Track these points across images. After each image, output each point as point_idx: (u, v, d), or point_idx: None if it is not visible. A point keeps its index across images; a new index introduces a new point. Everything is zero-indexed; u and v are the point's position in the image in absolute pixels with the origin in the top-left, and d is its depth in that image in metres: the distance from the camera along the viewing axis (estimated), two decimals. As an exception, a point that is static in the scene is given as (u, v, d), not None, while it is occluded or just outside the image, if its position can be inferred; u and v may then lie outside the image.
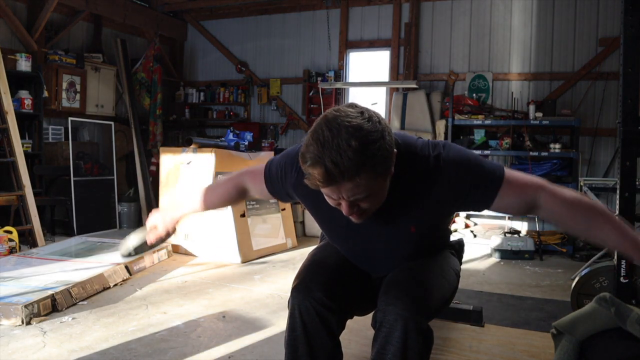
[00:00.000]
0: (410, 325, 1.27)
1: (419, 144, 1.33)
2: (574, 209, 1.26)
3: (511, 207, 1.32)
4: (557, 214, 1.29)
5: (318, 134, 1.11)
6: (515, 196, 1.29)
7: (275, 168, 1.50)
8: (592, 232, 1.27)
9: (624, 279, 2.33)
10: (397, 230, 1.39)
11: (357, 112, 1.14)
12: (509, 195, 1.29)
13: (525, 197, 1.29)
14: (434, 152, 1.30)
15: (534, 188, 1.28)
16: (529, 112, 5.18)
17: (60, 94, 5.66)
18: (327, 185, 1.13)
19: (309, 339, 1.40)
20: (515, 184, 1.29)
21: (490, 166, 1.31)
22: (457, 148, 1.33)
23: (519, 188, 1.29)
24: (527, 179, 1.31)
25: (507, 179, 1.29)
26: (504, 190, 1.28)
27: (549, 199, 1.27)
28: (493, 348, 2.00)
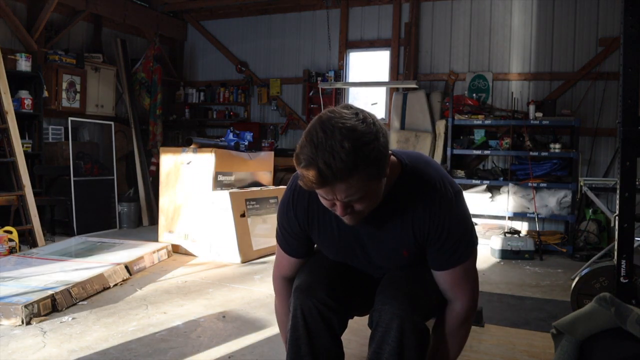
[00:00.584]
0: (406, 325, 1.28)
1: (436, 173, 1.35)
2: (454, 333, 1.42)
3: (443, 282, 1.39)
4: (446, 320, 1.42)
5: (312, 135, 1.12)
6: (454, 279, 1.37)
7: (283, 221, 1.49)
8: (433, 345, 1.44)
9: (624, 279, 2.33)
10: (389, 252, 1.40)
11: (352, 113, 1.14)
12: (452, 275, 1.37)
13: (454, 287, 1.38)
14: (447, 193, 1.32)
15: (465, 292, 1.39)
16: (529, 112, 5.18)
17: (60, 94, 5.66)
18: (320, 186, 1.13)
19: (311, 339, 1.40)
20: (464, 273, 1.37)
21: (472, 243, 1.38)
22: (464, 204, 1.37)
23: (462, 279, 1.38)
24: (475, 281, 1.42)
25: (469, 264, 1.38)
26: (457, 269, 1.36)
27: (460, 308, 1.40)
28: (493, 348, 2.00)
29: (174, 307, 2.96)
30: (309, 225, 1.43)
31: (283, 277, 1.60)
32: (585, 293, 2.64)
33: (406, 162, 1.33)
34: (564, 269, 4.30)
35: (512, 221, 5.51)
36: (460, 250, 1.34)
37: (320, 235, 1.45)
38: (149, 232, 5.36)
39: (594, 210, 5.01)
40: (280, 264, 1.59)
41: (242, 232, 4.31)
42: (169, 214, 4.58)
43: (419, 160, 1.36)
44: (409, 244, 1.36)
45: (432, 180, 1.32)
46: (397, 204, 1.31)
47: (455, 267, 1.35)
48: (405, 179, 1.30)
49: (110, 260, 3.62)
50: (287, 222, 1.46)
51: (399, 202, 1.30)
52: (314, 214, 1.40)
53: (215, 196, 4.33)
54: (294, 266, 1.55)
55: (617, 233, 2.34)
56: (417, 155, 1.39)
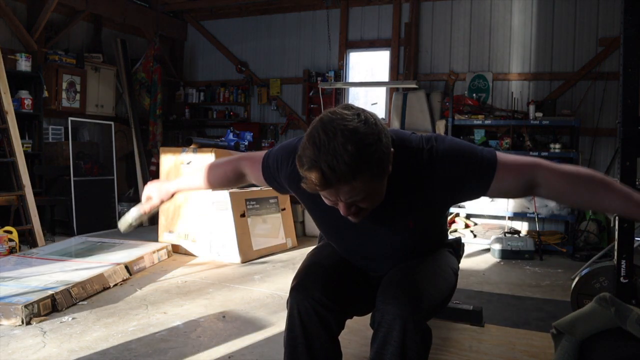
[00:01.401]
0: (409, 325, 1.27)
1: (413, 139, 1.33)
2: (575, 182, 1.25)
3: (509, 190, 1.30)
4: (558, 190, 1.27)
5: (314, 138, 1.11)
6: (512, 178, 1.27)
7: (272, 159, 1.50)
8: (596, 202, 1.26)
9: (624, 279, 2.33)
10: (395, 226, 1.39)
11: (353, 114, 1.13)
12: (505, 178, 1.27)
13: (522, 177, 1.27)
14: (427, 146, 1.29)
15: (530, 167, 1.27)
16: (529, 112, 5.18)
17: (60, 94, 5.66)
18: (324, 189, 1.13)
19: (307, 339, 1.40)
20: (510, 166, 1.28)
21: (483, 152, 1.30)
22: (449, 139, 1.32)
23: (515, 169, 1.27)
24: (522, 160, 1.29)
25: (501, 162, 1.28)
26: (499, 174, 1.27)
27: (547, 175, 1.26)
28: (493, 348, 2.00)
29: (174, 307, 2.96)
30: (301, 193, 1.42)
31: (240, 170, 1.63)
32: (585, 293, 2.64)
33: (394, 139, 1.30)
34: (564, 269, 4.30)
35: (512, 221, 5.51)
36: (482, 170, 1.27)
37: (317, 212, 1.45)
38: (149, 232, 5.36)
39: (594, 210, 5.01)
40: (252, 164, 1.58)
41: (242, 232, 4.31)
42: (169, 214, 4.58)
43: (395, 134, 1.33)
44: (412, 213, 1.35)
45: (412, 142, 1.31)
46: (396, 180, 1.28)
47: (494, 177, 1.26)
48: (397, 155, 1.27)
49: (110, 260, 3.62)
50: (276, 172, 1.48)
51: (397, 176, 1.28)
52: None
53: (215, 196, 4.33)
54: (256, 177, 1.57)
55: (617, 233, 2.35)
56: (393, 131, 1.36)
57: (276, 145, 1.56)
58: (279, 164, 1.47)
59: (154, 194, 1.72)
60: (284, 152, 1.47)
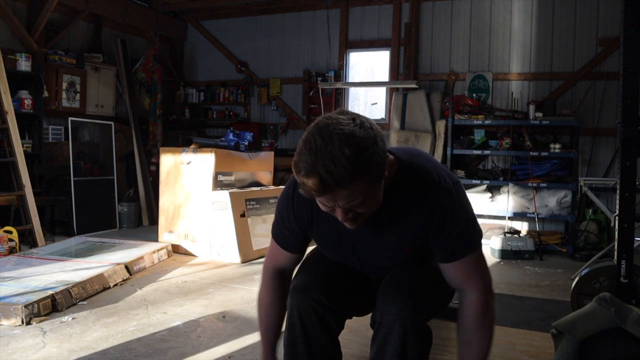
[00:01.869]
0: (409, 326, 1.27)
1: (433, 166, 1.34)
2: (480, 325, 1.38)
3: (453, 275, 1.37)
4: (466, 315, 1.37)
5: (310, 143, 1.11)
6: (465, 270, 1.35)
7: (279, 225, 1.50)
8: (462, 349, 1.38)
9: (624, 279, 2.33)
10: (391, 248, 1.39)
11: (349, 118, 1.13)
12: (462, 266, 1.34)
13: (466, 278, 1.36)
14: (446, 185, 1.32)
15: (478, 280, 1.37)
16: (529, 112, 5.18)
17: (60, 94, 5.66)
18: (321, 194, 1.12)
19: (307, 339, 1.40)
20: (474, 261, 1.35)
21: (477, 233, 1.36)
22: (464, 195, 1.36)
23: (472, 268, 1.36)
24: (485, 268, 1.39)
25: (477, 254, 1.36)
26: (465, 260, 1.34)
27: (476, 297, 1.36)
28: (493, 348, 1.99)
29: (174, 307, 2.96)
30: (309, 225, 1.43)
31: (275, 267, 1.60)
32: (585, 293, 2.63)
33: (403, 158, 1.32)
34: (564, 269, 4.30)
35: (512, 221, 5.51)
36: (464, 241, 1.33)
37: (320, 235, 1.44)
38: (149, 232, 5.36)
39: (594, 210, 5.01)
40: (273, 256, 1.58)
41: (242, 232, 4.31)
42: (169, 214, 4.58)
43: (414, 155, 1.36)
44: (410, 239, 1.36)
45: (430, 173, 1.32)
46: (397, 201, 1.30)
47: (462, 258, 1.33)
48: (403, 175, 1.30)
49: (110, 260, 3.62)
50: (287, 219, 1.46)
51: (398, 198, 1.30)
52: (314, 214, 1.40)
53: (215, 196, 4.33)
54: (287, 259, 1.55)
55: (617, 233, 2.34)
56: (413, 150, 1.39)
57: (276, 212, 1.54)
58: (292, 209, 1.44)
59: None
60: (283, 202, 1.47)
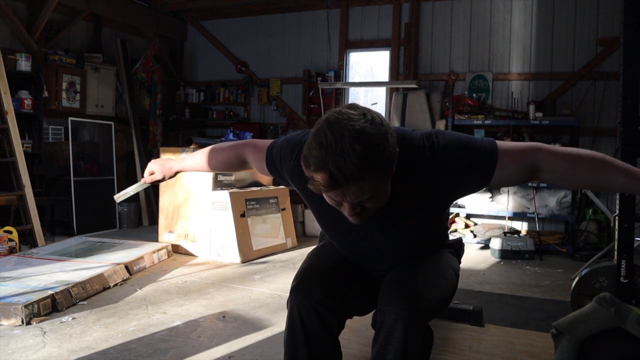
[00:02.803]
0: (411, 326, 1.27)
1: (414, 136, 1.33)
2: (577, 162, 1.26)
3: (512, 177, 1.30)
4: (560, 172, 1.27)
5: (321, 138, 1.10)
6: (514, 165, 1.27)
7: (276, 150, 1.50)
8: (599, 181, 1.27)
9: (624, 279, 2.33)
10: (398, 223, 1.38)
11: (359, 114, 1.13)
12: (507, 165, 1.27)
13: (524, 163, 1.27)
14: (428, 142, 1.29)
15: (531, 152, 1.28)
16: (529, 112, 5.18)
17: (60, 94, 5.66)
18: (331, 189, 1.12)
19: (308, 339, 1.40)
20: (510, 152, 1.28)
21: (483, 142, 1.30)
22: (448, 134, 1.32)
23: (515, 156, 1.28)
24: (522, 145, 1.30)
25: (502, 150, 1.28)
26: (501, 162, 1.27)
27: (549, 158, 1.26)
28: (493, 348, 1.99)
29: (174, 307, 2.96)
30: (303, 190, 1.41)
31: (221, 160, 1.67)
32: (585, 293, 2.64)
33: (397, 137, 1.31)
34: (564, 269, 4.30)
35: (512, 221, 5.52)
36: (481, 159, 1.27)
37: (320, 210, 1.44)
38: (149, 232, 5.36)
39: (594, 210, 5.01)
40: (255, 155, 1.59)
41: (242, 232, 4.31)
42: (169, 214, 4.58)
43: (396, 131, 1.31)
44: (417, 210, 1.35)
45: (414, 139, 1.31)
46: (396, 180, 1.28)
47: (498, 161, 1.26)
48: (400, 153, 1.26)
49: (110, 260, 3.62)
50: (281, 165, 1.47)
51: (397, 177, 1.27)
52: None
53: (215, 196, 4.33)
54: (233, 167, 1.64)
55: (617, 233, 2.35)
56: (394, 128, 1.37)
57: (281, 137, 1.55)
58: (282, 157, 1.47)
59: (157, 169, 1.76)
60: (289, 145, 1.46)
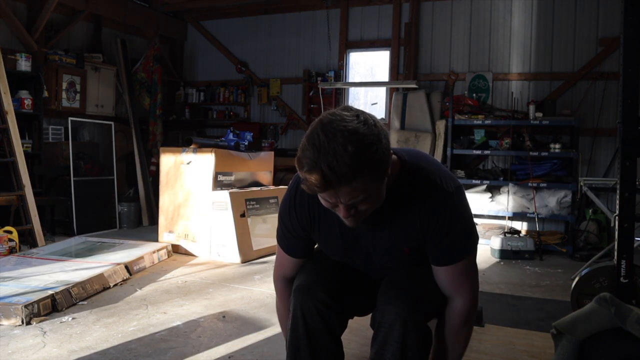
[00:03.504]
0: (409, 326, 1.27)
1: (436, 169, 1.35)
2: (457, 332, 1.40)
3: (443, 279, 1.37)
4: (447, 319, 1.40)
5: (314, 139, 1.11)
6: (456, 275, 1.36)
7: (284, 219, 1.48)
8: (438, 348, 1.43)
9: (624, 279, 2.33)
10: (391, 249, 1.39)
11: (353, 115, 1.14)
12: (453, 271, 1.35)
13: (455, 284, 1.36)
14: (447, 188, 1.32)
15: (466, 288, 1.37)
16: (529, 112, 5.18)
17: (60, 94, 5.66)
18: (323, 190, 1.12)
19: (311, 340, 1.40)
20: (466, 269, 1.36)
21: (473, 239, 1.37)
22: (465, 200, 1.36)
23: (463, 275, 1.36)
24: (475, 278, 1.40)
25: (470, 261, 1.37)
26: (457, 266, 1.34)
27: (461, 306, 1.37)
28: (493, 348, 2.00)
29: (174, 307, 2.96)
30: (311, 226, 1.43)
31: (284, 277, 1.60)
32: (585, 293, 2.64)
33: (406, 158, 1.32)
34: (564, 269, 4.30)
35: (512, 221, 5.51)
36: (460, 246, 1.33)
37: (322, 235, 1.44)
38: (149, 232, 5.36)
39: (594, 210, 5.01)
40: (280, 264, 1.59)
41: (242, 232, 4.31)
42: (169, 214, 4.58)
43: (418, 156, 1.36)
44: (410, 240, 1.36)
45: (432, 175, 1.32)
46: (398, 201, 1.30)
47: (455, 264, 1.34)
48: (405, 175, 1.30)
49: (110, 260, 3.62)
50: (289, 223, 1.46)
51: (400, 199, 1.30)
52: (316, 214, 1.40)
53: (215, 196, 4.33)
54: (294, 266, 1.55)
55: (617, 233, 2.35)
56: (416, 152, 1.39)
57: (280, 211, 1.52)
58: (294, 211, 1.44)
59: None
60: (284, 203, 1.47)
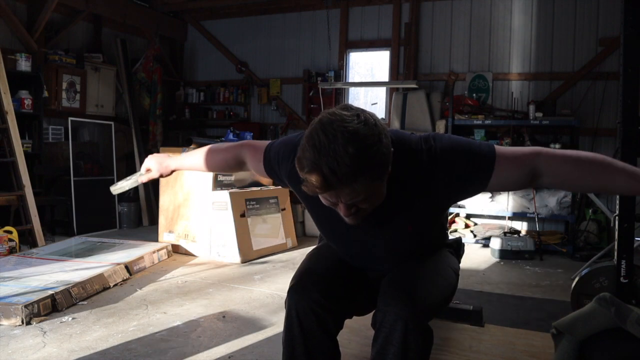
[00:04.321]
0: (411, 326, 1.27)
1: (412, 139, 1.32)
2: (577, 166, 1.24)
3: (511, 182, 1.28)
4: (562, 176, 1.25)
5: (314, 140, 1.10)
6: (513, 170, 1.26)
7: (273, 152, 1.50)
8: (602, 184, 1.25)
9: (624, 279, 2.33)
10: (394, 228, 1.38)
11: (353, 115, 1.13)
12: (506, 170, 1.26)
13: (523, 168, 1.26)
14: (426, 146, 1.28)
15: (530, 156, 1.26)
16: (529, 112, 5.18)
17: (60, 94, 5.66)
18: (324, 191, 1.12)
19: (305, 339, 1.40)
20: (509, 157, 1.27)
21: (481, 147, 1.29)
22: (447, 138, 1.31)
23: (514, 161, 1.26)
24: (521, 150, 1.28)
25: (500, 154, 1.26)
26: (500, 167, 1.25)
27: (549, 162, 1.24)
28: (493, 348, 1.99)
29: (174, 307, 2.96)
30: (300, 192, 1.40)
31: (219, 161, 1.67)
32: (585, 293, 2.64)
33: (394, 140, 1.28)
34: (564, 269, 4.30)
35: (512, 221, 5.52)
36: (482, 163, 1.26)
37: (318, 213, 1.44)
38: (149, 232, 5.36)
39: (594, 210, 5.01)
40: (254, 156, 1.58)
41: (242, 232, 4.31)
42: (169, 214, 4.58)
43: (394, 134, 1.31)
44: (411, 216, 1.34)
45: (411, 143, 1.29)
46: (393, 183, 1.27)
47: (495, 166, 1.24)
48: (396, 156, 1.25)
49: (110, 260, 3.62)
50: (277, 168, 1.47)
51: (393, 180, 1.27)
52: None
53: (215, 196, 4.33)
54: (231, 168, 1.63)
55: (617, 233, 2.35)
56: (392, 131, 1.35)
57: (278, 139, 1.55)
58: (279, 159, 1.46)
59: (153, 166, 1.75)
60: (286, 147, 1.46)
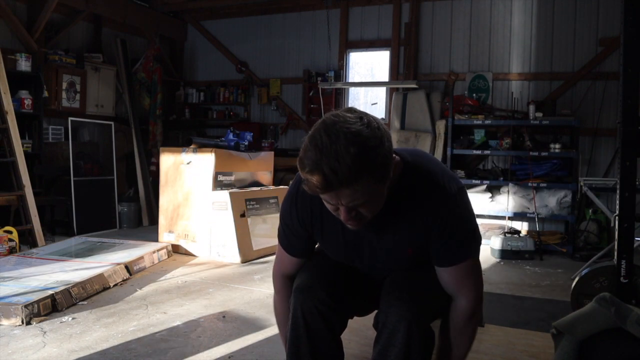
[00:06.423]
0: (413, 327, 1.27)
1: (439, 169, 1.34)
2: (462, 331, 1.39)
3: (447, 280, 1.37)
4: (452, 318, 1.39)
5: (316, 140, 1.11)
6: (459, 276, 1.35)
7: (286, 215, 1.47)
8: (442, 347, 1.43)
9: (624, 279, 2.33)
10: (394, 250, 1.39)
11: (356, 117, 1.13)
12: (456, 272, 1.34)
13: (459, 284, 1.35)
14: (450, 189, 1.31)
15: (471, 288, 1.36)
16: (529, 112, 5.18)
17: (60, 94, 5.66)
18: (325, 191, 1.12)
19: (311, 339, 1.40)
20: (470, 269, 1.35)
21: (476, 241, 1.37)
22: (468, 201, 1.36)
23: (467, 275, 1.35)
24: (479, 277, 1.39)
25: (473, 262, 1.36)
26: (461, 266, 1.34)
27: (466, 305, 1.36)
28: (493, 348, 1.99)
29: (174, 307, 2.96)
30: (312, 225, 1.42)
31: (284, 275, 1.59)
32: (585, 293, 2.64)
33: (408, 159, 1.31)
34: (564, 269, 4.30)
35: (512, 221, 5.51)
36: (464, 246, 1.33)
37: (324, 236, 1.44)
38: (149, 232, 5.36)
39: (594, 210, 5.01)
40: (281, 262, 1.58)
41: (242, 232, 4.31)
42: (169, 214, 4.58)
43: (420, 156, 1.35)
44: (412, 241, 1.35)
45: (435, 176, 1.31)
46: (401, 202, 1.29)
47: (458, 264, 1.33)
48: (407, 176, 1.29)
49: (110, 260, 3.62)
50: (290, 222, 1.45)
51: (402, 199, 1.29)
52: (317, 214, 1.39)
53: (215, 196, 4.33)
54: (295, 265, 1.54)
55: (617, 233, 2.35)
56: (418, 152, 1.38)
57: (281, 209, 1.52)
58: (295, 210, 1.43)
59: None
60: (288, 198, 1.46)
